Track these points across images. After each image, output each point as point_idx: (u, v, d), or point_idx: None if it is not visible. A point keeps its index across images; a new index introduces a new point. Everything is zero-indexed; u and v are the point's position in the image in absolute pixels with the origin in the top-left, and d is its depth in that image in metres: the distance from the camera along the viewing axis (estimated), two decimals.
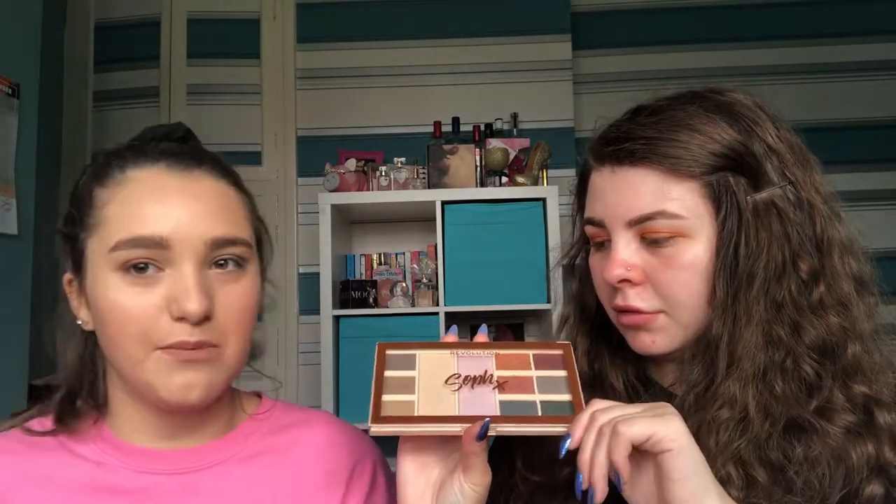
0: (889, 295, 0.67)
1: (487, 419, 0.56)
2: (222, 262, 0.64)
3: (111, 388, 0.69)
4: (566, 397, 0.61)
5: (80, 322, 0.67)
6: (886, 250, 2.47)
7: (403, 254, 2.51)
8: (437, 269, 2.22)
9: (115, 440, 0.68)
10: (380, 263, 2.49)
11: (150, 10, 2.64)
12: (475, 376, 0.62)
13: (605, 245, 0.67)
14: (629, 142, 0.63)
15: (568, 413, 0.59)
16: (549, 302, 2.13)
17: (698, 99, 0.65)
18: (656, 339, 0.64)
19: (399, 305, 2.27)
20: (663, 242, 0.62)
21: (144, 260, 0.61)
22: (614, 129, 0.66)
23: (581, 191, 0.72)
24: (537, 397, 0.61)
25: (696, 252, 0.61)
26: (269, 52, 2.62)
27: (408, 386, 0.62)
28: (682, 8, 2.68)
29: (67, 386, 0.69)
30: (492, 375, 0.62)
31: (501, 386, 0.61)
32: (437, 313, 2.18)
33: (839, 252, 0.63)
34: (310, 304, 2.46)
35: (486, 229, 2.20)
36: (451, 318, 2.14)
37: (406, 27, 2.60)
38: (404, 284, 2.33)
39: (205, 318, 0.61)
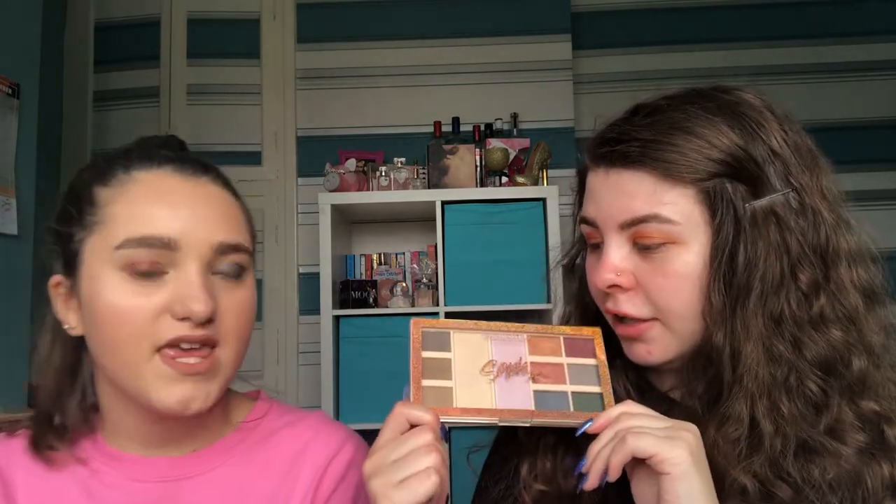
0: (891, 295, 0.67)
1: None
2: (224, 269, 0.64)
3: (101, 395, 0.67)
4: (596, 389, 0.63)
5: (66, 327, 0.65)
6: (886, 250, 2.47)
7: (403, 254, 2.51)
8: (437, 269, 2.22)
9: (107, 448, 0.68)
10: (380, 263, 2.49)
11: (150, 10, 2.65)
12: (510, 364, 0.63)
13: (599, 247, 0.65)
14: (623, 143, 0.61)
15: (598, 408, 0.62)
16: (549, 302, 2.13)
17: (700, 98, 0.63)
18: (652, 350, 0.63)
19: (399, 305, 2.27)
20: (655, 248, 0.60)
21: (149, 263, 0.60)
22: (611, 129, 0.64)
23: (580, 190, 0.71)
24: (569, 388, 0.63)
25: (688, 260, 0.59)
26: (269, 52, 2.62)
27: (445, 370, 0.62)
28: (682, 8, 2.68)
29: (43, 406, 0.67)
30: (526, 364, 0.63)
31: (535, 375, 0.63)
32: (437, 313, 2.18)
33: (846, 262, 0.60)
34: (310, 304, 2.46)
35: (486, 229, 2.20)
36: (452, 318, 2.14)
37: (406, 27, 2.60)
38: (404, 284, 2.33)
39: (207, 321, 0.61)
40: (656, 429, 0.53)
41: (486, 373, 0.62)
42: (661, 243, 0.60)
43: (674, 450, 0.52)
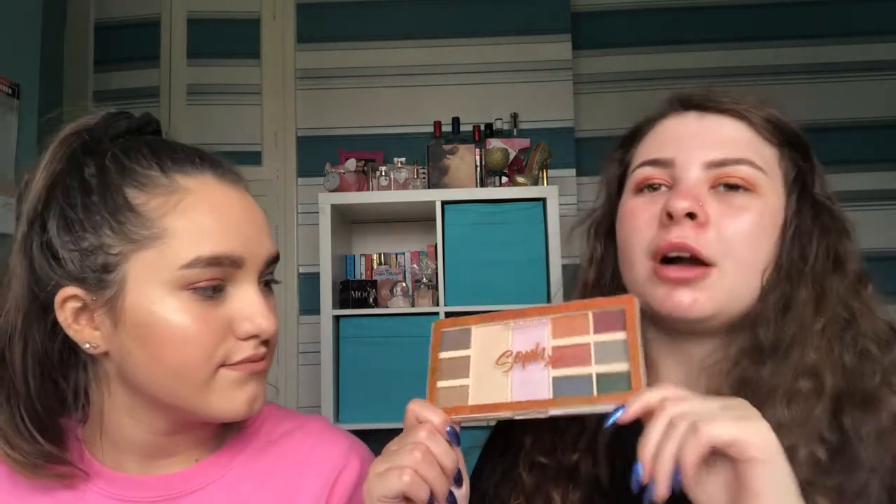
0: (891, 295, 0.67)
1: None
2: (265, 280, 0.64)
3: (108, 410, 0.63)
4: (624, 367, 0.55)
5: (86, 346, 0.59)
6: (886, 250, 2.47)
7: (403, 254, 2.51)
8: (437, 269, 2.22)
9: (95, 465, 0.64)
10: (380, 263, 2.49)
11: (150, 10, 2.65)
12: (526, 352, 0.59)
13: (655, 188, 0.65)
14: (730, 100, 0.65)
15: (624, 389, 0.54)
16: (548, 302, 2.13)
17: None
18: (699, 298, 0.59)
19: (399, 305, 2.26)
20: (736, 192, 0.61)
21: (215, 282, 0.58)
22: (697, 89, 0.68)
23: (627, 146, 0.71)
24: (593, 369, 0.56)
25: (765, 213, 0.61)
26: (269, 52, 2.62)
27: (462, 368, 0.61)
28: (682, 8, 2.67)
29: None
30: (544, 349, 0.59)
31: (554, 361, 0.58)
32: (437, 313, 2.18)
33: (868, 282, 0.65)
34: (310, 304, 2.46)
35: (486, 229, 2.20)
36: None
37: (406, 27, 2.60)
38: (404, 284, 2.33)
39: None
40: (719, 409, 0.47)
41: (501, 364, 0.60)
42: (745, 189, 0.61)
43: (758, 431, 0.45)
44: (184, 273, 0.57)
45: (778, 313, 0.60)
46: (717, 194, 0.61)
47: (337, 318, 2.20)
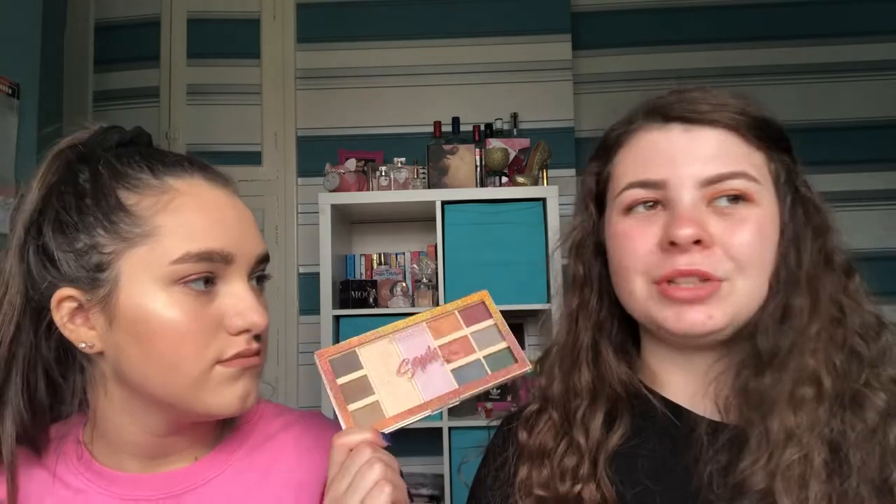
0: (891, 295, 0.67)
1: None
2: (256, 278, 0.65)
3: (106, 411, 0.64)
4: (503, 345, 0.69)
5: (82, 346, 0.60)
6: (887, 250, 2.47)
7: (403, 254, 2.51)
8: (437, 269, 2.23)
9: (96, 465, 0.65)
10: (380, 263, 2.49)
11: (150, 10, 2.65)
12: (421, 356, 0.67)
13: (648, 207, 0.63)
14: (698, 104, 0.63)
15: (510, 362, 0.68)
16: (548, 302, 2.13)
17: None
18: (714, 313, 0.59)
19: (399, 305, 2.27)
20: (734, 205, 0.61)
21: (206, 278, 0.59)
22: (676, 95, 0.65)
23: (604, 159, 0.69)
24: (480, 354, 0.68)
25: (763, 221, 0.61)
26: (269, 52, 2.62)
27: (363, 388, 0.65)
28: (682, 8, 2.68)
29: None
30: (436, 350, 0.67)
31: (447, 356, 0.67)
32: None
33: (858, 277, 0.65)
34: (310, 304, 2.46)
35: (486, 229, 2.20)
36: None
37: (406, 27, 2.60)
38: (404, 284, 2.33)
39: None
40: None
41: (402, 373, 0.66)
42: (740, 199, 0.61)
43: None
44: (174, 268, 0.58)
45: (776, 321, 0.60)
46: (715, 210, 0.61)
47: (337, 318, 2.21)
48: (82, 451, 0.66)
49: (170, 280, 0.58)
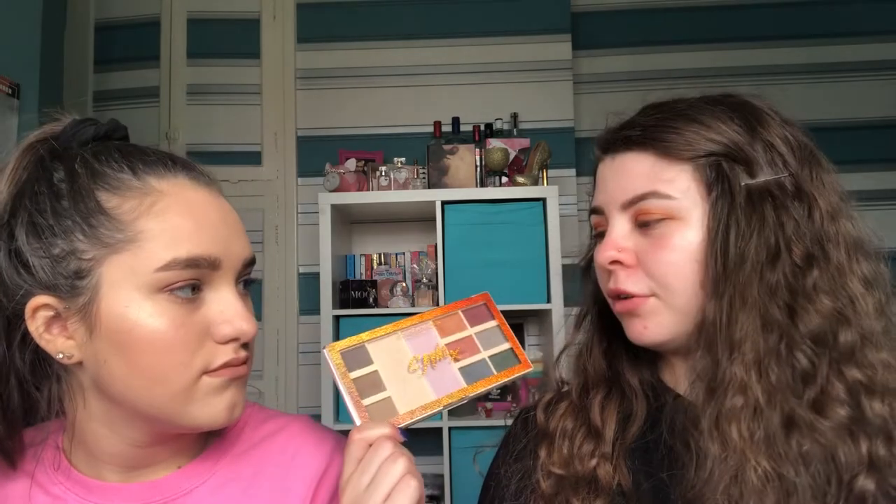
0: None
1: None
2: (242, 282, 0.63)
3: (84, 422, 0.61)
4: (506, 346, 0.72)
5: (59, 356, 0.57)
6: (887, 250, 2.47)
7: (403, 254, 2.51)
8: (437, 269, 2.23)
9: (75, 474, 0.63)
10: (380, 263, 2.49)
11: (150, 10, 2.65)
12: (430, 354, 0.68)
13: (604, 234, 0.68)
14: (627, 129, 0.66)
15: (514, 363, 0.71)
16: (548, 302, 2.13)
17: (707, 99, 0.67)
18: (648, 325, 0.64)
19: (399, 305, 2.27)
20: (655, 224, 0.62)
21: (192, 285, 0.56)
22: (618, 122, 0.68)
23: (594, 187, 0.73)
24: (484, 354, 0.70)
25: (687, 235, 0.61)
26: (269, 52, 2.62)
27: (375, 383, 0.65)
28: (682, 8, 2.68)
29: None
30: (444, 348, 0.69)
31: (456, 355, 0.69)
32: None
33: (846, 248, 0.61)
34: (310, 304, 2.46)
35: (486, 229, 2.20)
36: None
37: (406, 27, 2.60)
38: (404, 284, 2.33)
39: None
40: None
41: (413, 370, 0.67)
42: (660, 219, 0.62)
43: None
44: (159, 276, 0.55)
45: (703, 337, 0.60)
46: (641, 230, 0.64)
47: (337, 318, 2.21)
48: (61, 458, 0.64)
49: (155, 288, 0.55)
